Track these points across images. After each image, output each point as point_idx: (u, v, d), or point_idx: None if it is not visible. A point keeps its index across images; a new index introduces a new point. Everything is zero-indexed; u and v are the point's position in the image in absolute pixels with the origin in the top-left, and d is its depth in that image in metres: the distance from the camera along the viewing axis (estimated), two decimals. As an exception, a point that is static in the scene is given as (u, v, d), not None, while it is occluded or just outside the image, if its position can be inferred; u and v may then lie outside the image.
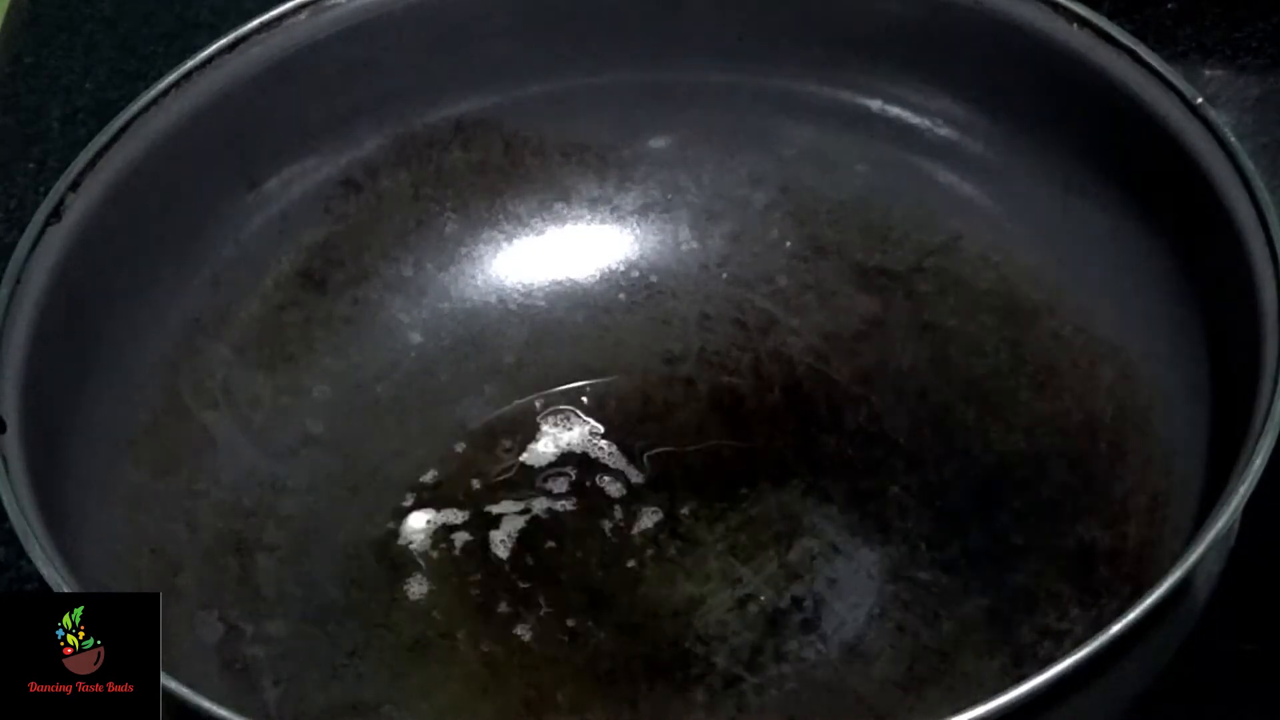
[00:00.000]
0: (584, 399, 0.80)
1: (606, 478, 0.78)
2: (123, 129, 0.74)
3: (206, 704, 0.60)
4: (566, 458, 0.79)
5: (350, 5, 0.78)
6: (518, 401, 0.80)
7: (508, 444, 0.79)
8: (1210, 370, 0.69)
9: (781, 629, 0.73)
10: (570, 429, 0.79)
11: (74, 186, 0.72)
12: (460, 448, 0.79)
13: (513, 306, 0.82)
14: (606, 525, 0.76)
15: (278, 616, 0.74)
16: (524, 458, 0.79)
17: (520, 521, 0.77)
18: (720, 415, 0.80)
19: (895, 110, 0.79)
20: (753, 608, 0.74)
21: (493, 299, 0.82)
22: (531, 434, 0.79)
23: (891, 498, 0.76)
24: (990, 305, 0.78)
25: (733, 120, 0.81)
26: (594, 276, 0.83)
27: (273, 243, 0.79)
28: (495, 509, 0.77)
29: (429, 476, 0.78)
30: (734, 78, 0.81)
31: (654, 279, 0.83)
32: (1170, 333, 0.72)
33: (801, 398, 0.79)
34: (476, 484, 0.78)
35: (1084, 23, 0.74)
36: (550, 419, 0.80)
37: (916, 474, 0.76)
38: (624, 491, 0.77)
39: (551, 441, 0.79)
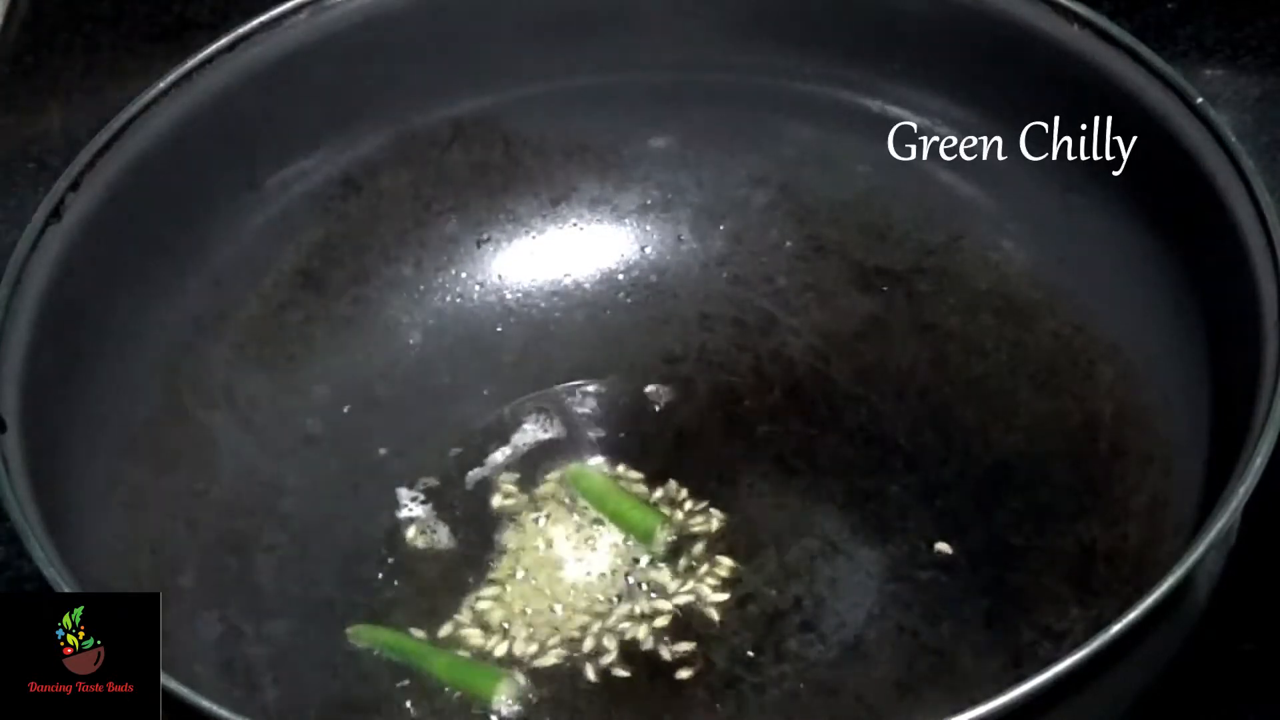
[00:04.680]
0: (584, 399, 0.80)
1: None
2: (123, 129, 0.74)
3: (206, 704, 0.60)
4: (566, 458, 0.78)
5: (350, 5, 0.78)
6: (517, 401, 0.80)
7: (508, 443, 0.79)
8: (1210, 370, 0.69)
9: (781, 629, 0.73)
10: (570, 429, 0.79)
11: (74, 186, 0.73)
12: (460, 447, 0.79)
13: (513, 306, 0.82)
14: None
15: (278, 616, 0.74)
16: (524, 457, 0.79)
17: (519, 522, 0.77)
18: (720, 415, 0.80)
19: (895, 110, 0.79)
20: (753, 608, 0.74)
21: (493, 299, 0.82)
22: (531, 433, 0.79)
23: (891, 498, 0.76)
24: (990, 305, 0.78)
25: (733, 120, 0.81)
26: (594, 276, 0.83)
27: (273, 243, 0.79)
28: (496, 509, 0.77)
29: (428, 476, 0.78)
30: (734, 78, 0.81)
31: (654, 279, 0.83)
32: (1170, 333, 0.72)
33: (801, 398, 0.79)
34: (477, 484, 0.78)
35: (1084, 23, 0.74)
36: (550, 419, 0.80)
37: (916, 474, 0.76)
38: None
39: (551, 441, 0.79)
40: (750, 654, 0.72)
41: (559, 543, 0.76)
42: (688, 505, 0.77)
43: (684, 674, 0.72)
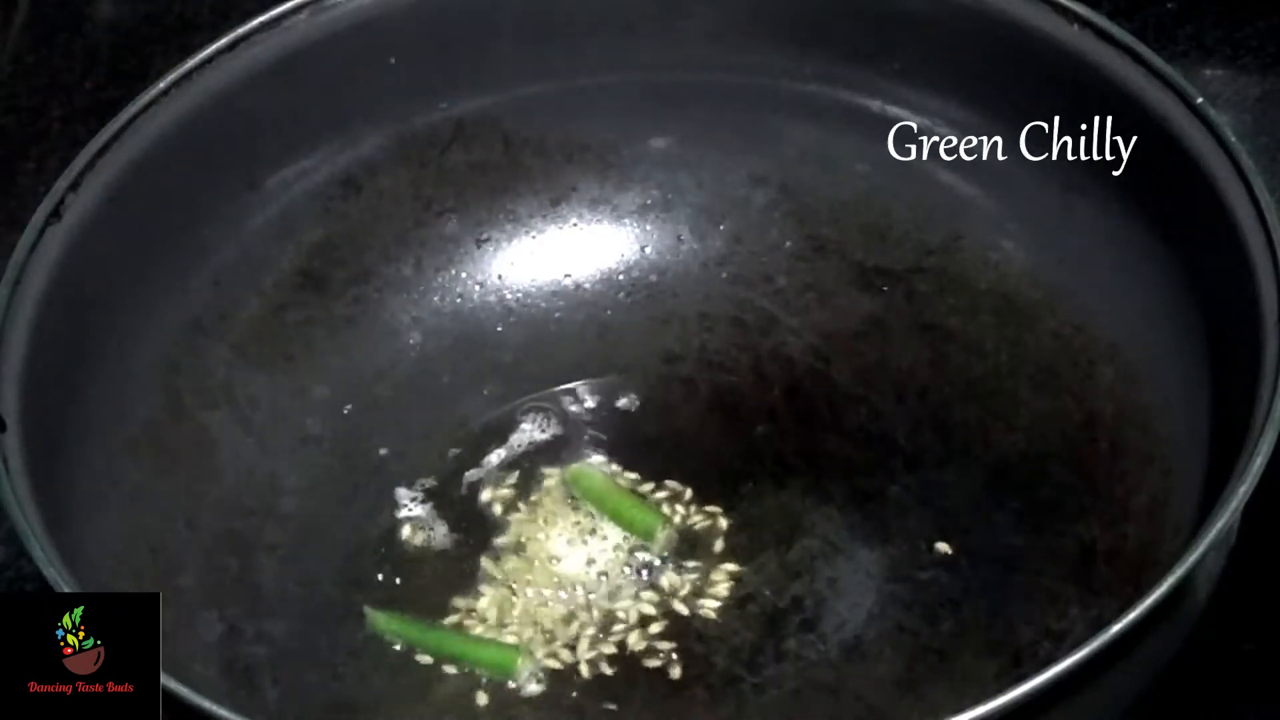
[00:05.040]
0: (584, 399, 0.80)
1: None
2: (123, 129, 0.74)
3: (206, 704, 0.60)
4: (567, 458, 0.78)
5: (350, 5, 0.78)
6: (517, 401, 0.80)
7: (508, 443, 0.79)
8: (1210, 370, 0.69)
9: (781, 629, 0.73)
10: (570, 429, 0.79)
11: (74, 186, 0.73)
12: (460, 447, 0.79)
13: (513, 306, 0.82)
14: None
15: (278, 616, 0.74)
16: (524, 457, 0.79)
17: (520, 523, 0.77)
18: (720, 415, 0.80)
19: (895, 110, 0.79)
20: (753, 608, 0.74)
21: (492, 299, 0.82)
22: (531, 433, 0.79)
23: (891, 498, 0.76)
24: (990, 305, 0.78)
25: (733, 120, 0.81)
26: (594, 276, 0.83)
27: (273, 243, 0.79)
28: (495, 508, 0.77)
29: (428, 476, 0.78)
30: (734, 78, 0.81)
31: (654, 279, 0.83)
32: (1170, 333, 0.72)
33: (801, 398, 0.79)
34: (476, 483, 0.78)
35: (1084, 23, 0.74)
36: (550, 419, 0.80)
37: (916, 474, 0.76)
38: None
39: (551, 441, 0.79)
40: (750, 654, 0.72)
41: (558, 542, 0.76)
42: (688, 505, 0.77)
43: (684, 674, 0.72)
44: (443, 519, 0.77)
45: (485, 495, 0.78)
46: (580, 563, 0.75)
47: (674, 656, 0.73)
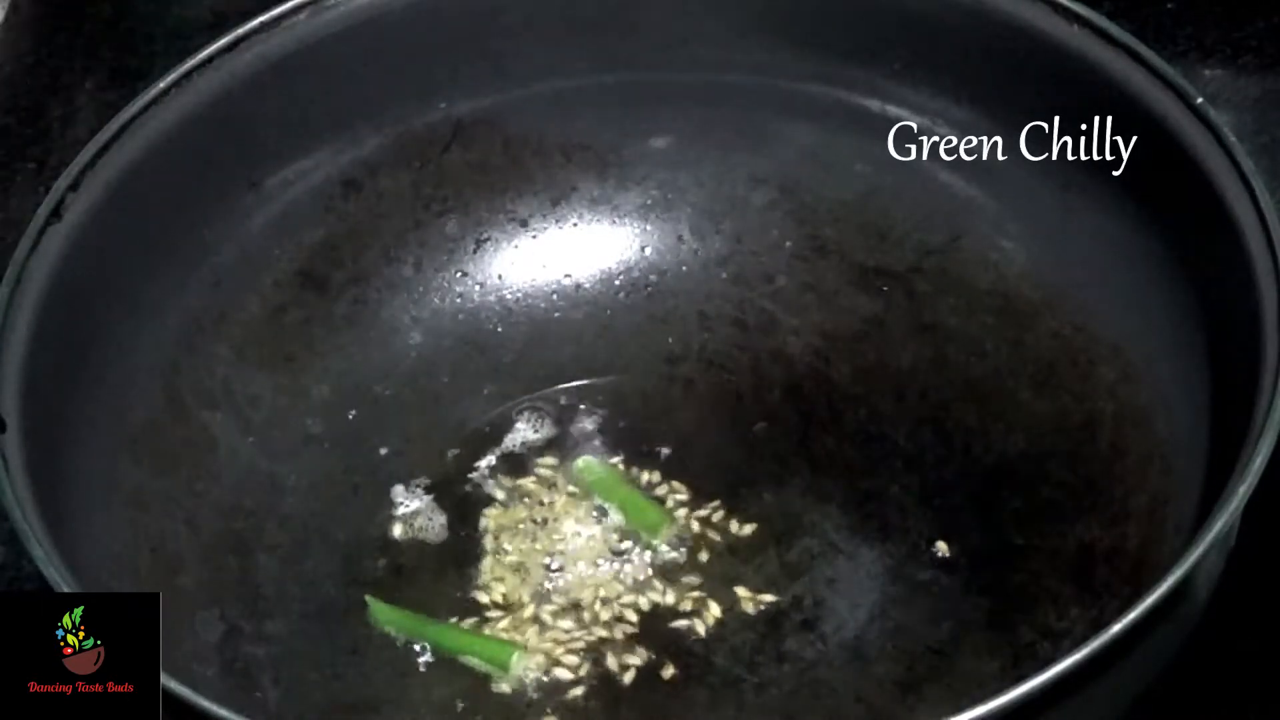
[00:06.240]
0: (584, 399, 0.80)
1: (606, 478, 0.78)
2: (123, 129, 0.74)
3: (206, 704, 0.60)
4: (567, 457, 0.79)
5: (350, 5, 0.78)
6: (517, 401, 0.80)
7: (507, 443, 0.79)
8: (1210, 370, 0.69)
9: (781, 629, 0.73)
10: (571, 429, 0.79)
11: (74, 186, 0.73)
12: (460, 447, 0.79)
13: (513, 306, 0.82)
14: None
15: (278, 616, 0.74)
16: (523, 456, 0.79)
17: (520, 522, 0.77)
18: (720, 415, 0.80)
19: (895, 110, 0.79)
20: (753, 608, 0.74)
21: (492, 299, 0.82)
22: (531, 433, 0.79)
23: (891, 498, 0.76)
24: (990, 305, 0.78)
25: (733, 120, 0.81)
26: (594, 276, 0.83)
27: (273, 243, 0.79)
28: (495, 509, 0.77)
29: (428, 475, 0.78)
30: (734, 78, 0.81)
31: (654, 279, 0.83)
32: (1170, 333, 0.72)
33: (801, 398, 0.79)
34: (476, 483, 0.78)
35: (1084, 23, 0.74)
36: (550, 419, 0.80)
37: (916, 474, 0.76)
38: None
39: (552, 441, 0.79)
40: (750, 654, 0.72)
41: (559, 541, 0.76)
42: (688, 505, 0.77)
43: (684, 674, 0.72)
44: (443, 519, 0.77)
45: (485, 494, 0.78)
46: (580, 562, 0.75)
47: (674, 656, 0.73)
